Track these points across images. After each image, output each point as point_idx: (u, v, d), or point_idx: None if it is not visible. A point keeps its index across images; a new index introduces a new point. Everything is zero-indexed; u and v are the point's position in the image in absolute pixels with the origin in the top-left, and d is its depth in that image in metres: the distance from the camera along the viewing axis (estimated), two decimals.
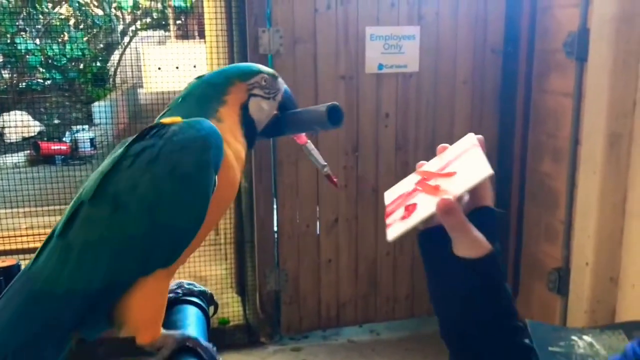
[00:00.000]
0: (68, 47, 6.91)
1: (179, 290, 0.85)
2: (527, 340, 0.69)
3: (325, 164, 1.02)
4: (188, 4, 5.91)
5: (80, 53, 7.04)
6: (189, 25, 5.97)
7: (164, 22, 7.63)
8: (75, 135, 6.97)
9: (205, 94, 0.83)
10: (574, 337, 1.19)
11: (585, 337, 1.70)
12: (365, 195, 3.11)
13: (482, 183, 0.69)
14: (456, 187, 0.69)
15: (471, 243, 0.67)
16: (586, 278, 2.72)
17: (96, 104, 7.18)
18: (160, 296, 0.76)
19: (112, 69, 7.81)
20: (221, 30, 2.98)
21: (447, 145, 0.80)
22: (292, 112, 0.90)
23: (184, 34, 6.31)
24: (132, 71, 5.10)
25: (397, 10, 2.93)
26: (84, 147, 6.86)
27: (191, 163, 0.74)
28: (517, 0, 3.03)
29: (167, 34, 7.10)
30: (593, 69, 2.61)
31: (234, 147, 0.81)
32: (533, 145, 3.11)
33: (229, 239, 3.39)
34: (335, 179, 1.07)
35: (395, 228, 0.72)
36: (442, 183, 0.72)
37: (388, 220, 0.75)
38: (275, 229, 3.10)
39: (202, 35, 4.54)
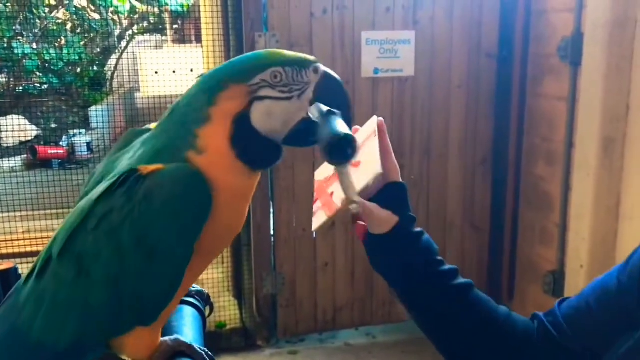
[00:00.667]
0: (65, 51, 6.91)
1: None
2: (461, 280, 0.81)
3: (355, 200, 0.75)
4: (185, 9, 5.92)
5: (77, 57, 7.04)
6: (186, 29, 5.99)
7: (161, 27, 7.65)
8: (72, 139, 6.97)
9: (190, 109, 0.67)
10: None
11: None
12: None
13: (377, 177, 0.74)
14: (357, 183, 0.74)
15: (379, 221, 0.80)
16: (581, 280, 2.73)
17: (93, 108, 7.19)
18: (152, 336, 0.72)
19: (109, 73, 7.82)
20: (218, 34, 3.00)
21: (358, 127, 0.85)
22: (317, 119, 0.68)
23: (181, 39, 6.32)
24: (129, 75, 5.11)
25: (392, 15, 2.95)
26: (81, 151, 6.86)
27: (162, 234, 0.64)
28: (511, 4, 3.06)
29: (164, 38, 7.12)
30: (587, 73, 2.63)
31: (229, 183, 0.67)
32: (528, 149, 3.13)
33: None
34: (361, 225, 0.83)
35: (317, 219, 0.77)
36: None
37: (314, 208, 0.77)
38: (272, 232, 3.11)
39: (199, 39, 4.56)
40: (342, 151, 0.66)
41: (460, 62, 3.08)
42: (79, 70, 7.58)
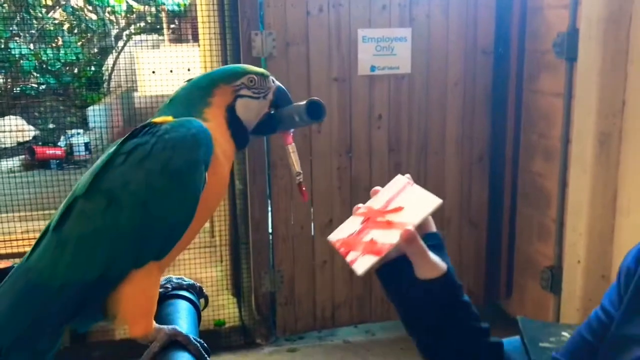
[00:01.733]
0: (62, 51, 6.91)
1: (168, 285, 0.87)
2: (493, 339, 0.81)
3: (300, 172, 0.96)
4: (182, 8, 5.92)
5: (74, 57, 7.04)
6: (182, 29, 5.99)
7: (158, 26, 7.65)
8: (70, 139, 6.96)
9: (191, 97, 0.86)
10: (564, 333, 1.22)
11: (563, 332, 1.73)
12: (359, 197, 3.12)
13: (438, 207, 0.81)
14: (412, 218, 0.80)
15: (431, 266, 0.79)
16: (578, 276, 2.74)
17: (91, 108, 7.18)
18: (151, 289, 0.78)
19: (107, 73, 7.81)
20: (214, 33, 3.00)
21: (379, 188, 0.92)
22: (280, 110, 0.91)
23: (178, 38, 6.32)
24: (126, 75, 5.11)
25: (388, 13, 2.95)
26: (79, 152, 6.85)
27: (182, 160, 0.77)
28: (507, 1, 3.06)
29: (161, 37, 7.11)
30: (582, 69, 2.64)
31: (222, 145, 0.83)
32: (525, 145, 3.14)
33: (224, 241, 3.41)
34: (305, 190, 1.00)
35: (363, 262, 0.80)
36: (393, 218, 0.82)
37: (349, 258, 0.82)
38: (270, 230, 3.11)
39: (196, 38, 4.56)
40: (318, 108, 0.88)
41: (457, 59, 3.09)
42: (76, 70, 7.58)
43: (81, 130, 7.24)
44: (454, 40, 3.06)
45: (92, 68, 7.89)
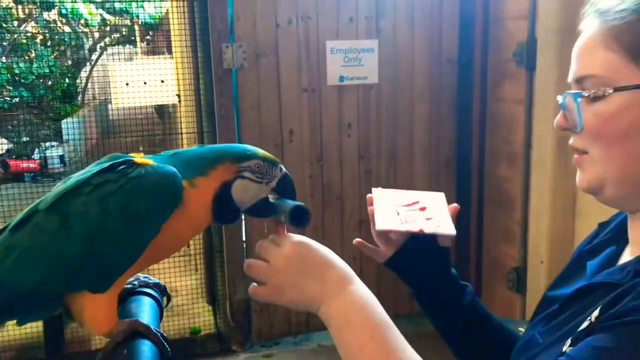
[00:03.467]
0: (35, 64, 6.89)
1: (135, 282, 0.94)
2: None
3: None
4: (155, 20, 5.97)
5: (47, 70, 7.03)
6: (156, 41, 6.03)
7: (132, 39, 7.67)
8: (45, 152, 6.94)
9: (193, 161, 0.87)
10: (520, 328, 1.29)
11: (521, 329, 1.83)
12: (331, 204, 3.20)
13: (450, 237, 0.96)
14: (428, 226, 0.94)
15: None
16: (542, 276, 2.85)
17: (65, 120, 7.17)
18: (107, 304, 0.83)
19: (81, 86, 7.80)
20: (186, 46, 3.07)
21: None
22: (278, 201, 0.91)
23: (152, 50, 6.36)
24: (100, 87, 5.14)
25: (355, 25, 3.05)
26: (54, 164, 6.83)
27: (141, 208, 0.80)
28: (470, 12, 3.18)
29: (134, 50, 7.13)
30: (541, 77, 2.76)
31: (195, 211, 0.84)
32: (490, 151, 3.25)
33: (199, 250, 3.46)
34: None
35: (387, 222, 0.94)
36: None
37: (377, 213, 0.96)
38: (244, 238, 3.17)
39: (169, 51, 4.61)
40: (301, 217, 0.87)
41: (423, 68, 3.19)
42: (50, 83, 7.55)
43: (55, 143, 7.21)
44: (419, 50, 3.17)
45: (66, 80, 7.87)
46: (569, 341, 0.69)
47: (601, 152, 0.70)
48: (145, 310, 0.85)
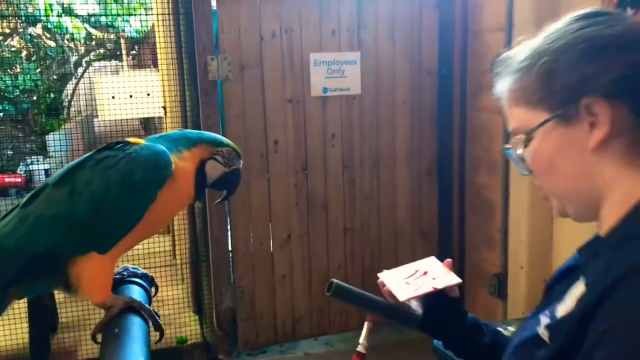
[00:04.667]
0: (20, 78, 6.90)
1: (124, 272, 1.00)
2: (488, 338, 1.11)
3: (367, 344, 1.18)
4: (141, 34, 6.02)
5: (33, 84, 7.03)
6: (142, 54, 6.08)
7: (118, 53, 7.69)
8: (30, 166, 6.92)
9: (178, 140, 1.05)
10: (499, 328, 1.38)
11: (509, 327, 1.93)
12: (316, 212, 3.26)
13: (457, 283, 1.13)
14: (439, 283, 1.12)
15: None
16: (522, 281, 2.91)
17: (51, 135, 7.16)
18: (105, 269, 0.92)
19: (67, 100, 7.80)
20: (172, 58, 3.12)
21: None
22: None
23: (138, 63, 6.40)
24: (86, 101, 5.16)
25: (338, 38, 3.13)
26: (39, 179, 6.81)
27: (138, 176, 0.93)
28: (449, 25, 3.27)
29: (120, 63, 7.16)
30: None
31: (182, 179, 1.01)
32: (470, 160, 3.33)
33: (185, 260, 3.48)
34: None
35: (407, 292, 1.10)
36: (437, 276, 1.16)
37: (395, 289, 1.12)
38: (230, 247, 3.20)
39: (155, 64, 4.66)
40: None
41: (404, 80, 3.27)
42: (35, 97, 7.55)
43: (41, 157, 7.19)
44: (400, 62, 3.25)
45: (52, 95, 7.87)
46: (546, 320, 0.77)
47: (546, 183, 0.82)
48: (136, 296, 0.90)
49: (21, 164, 7.06)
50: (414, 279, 1.13)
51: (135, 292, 0.92)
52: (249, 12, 2.98)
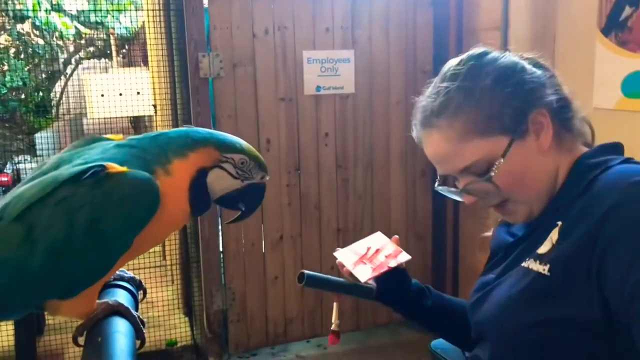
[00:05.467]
0: (8, 76, 6.80)
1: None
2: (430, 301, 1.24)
3: (339, 322, 1.28)
4: (131, 33, 5.95)
5: (21, 82, 6.93)
6: (132, 52, 6.01)
7: (107, 52, 7.60)
8: (17, 165, 6.82)
9: (173, 142, 0.84)
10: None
11: None
12: (309, 213, 3.21)
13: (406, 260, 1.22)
14: (391, 262, 1.22)
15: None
16: None
17: (39, 134, 7.07)
18: (85, 303, 0.80)
19: (56, 99, 7.70)
20: (163, 55, 3.06)
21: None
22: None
23: (128, 62, 6.33)
24: (75, 101, 5.08)
25: (331, 35, 3.08)
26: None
27: (111, 225, 0.75)
28: (444, 23, 3.23)
29: (110, 62, 7.08)
30: None
31: (170, 205, 0.80)
32: None
33: (175, 261, 3.43)
34: (336, 339, 1.31)
35: (366, 273, 1.19)
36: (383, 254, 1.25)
37: (355, 271, 1.21)
38: (221, 249, 3.15)
39: (145, 62, 4.60)
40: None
41: (398, 78, 3.23)
42: (23, 96, 7.45)
43: (29, 157, 7.10)
44: (394, 60, 3.21)
45: (40, 93, 7.77)
46: (529, 261, 0.88)
47: (518, 195, 0.91)
48: (122, 301, 0.85)
49: (9, 163, 6.96)
50: (371, 259, 1.23)
51: (121, 296, 0.86)
52: (241, 9, 2.93)
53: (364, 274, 1.20)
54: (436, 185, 1.04)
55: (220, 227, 3.13)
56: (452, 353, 1.56)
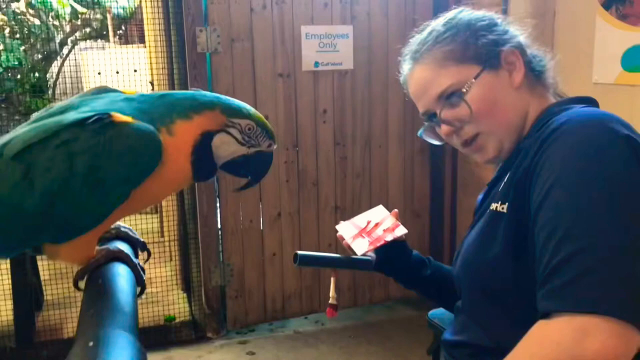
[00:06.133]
0: (4, 56, 6.75)
1: (113, 231, 0.91)
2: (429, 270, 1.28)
3: (336, 296, 1.30)
4: (128, 12, 5.90)
5: (17, 62, 6.88)
6: (129, 31, 5.97)
7: (104, 32, 7.54)
8: None
9: (179, 103, 0.82)
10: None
11: None
12: (306, 190, 3.21)
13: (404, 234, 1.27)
14: (390, 235, 1.26)
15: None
16: None
17: (35, 114, 7.02)
18: (84, 249, 0.80)
19: (52, 80, 7.65)
20: (160, 30, 3.04)
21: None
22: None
23: (125, 41, 6.29)
24: (72, 81, 5.05)
25: (330, 10, 3.06)
26: None
27: (110, 173, 0.75)
28: (443, 0, 3.21)
29: (107, 43, 7.03)
30: None
31: (171, 164, 0.79)
32: None
33: (173, 237, 3.43)
34: (334, 312, 1.30)
35: (363, 246, 1.23)
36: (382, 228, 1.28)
37: (353, 244, 1.25)
38: (219, 225, 3.15)
39: (142, 40, 4.56)
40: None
41: (397, 55, 3.20)
42: (19, 76, 7.40)
43: None
44: (393, 37, 3.19)
45: (36, 74, 7.71)
46: (492, 204, 0.93)
47: (488, 124, 0.97)
48: (122, 247, 0.84)
49: None
50: (370, 233, 1.27)
51: (122, 245, 0.85)
52: None
53: (361, 247, 1.24)
54: (419, 131, 1.13)
55: (218, 203, 3.13)
56: (449, 322, 1.57)
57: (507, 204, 0.89)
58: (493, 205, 0.93)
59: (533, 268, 0.82)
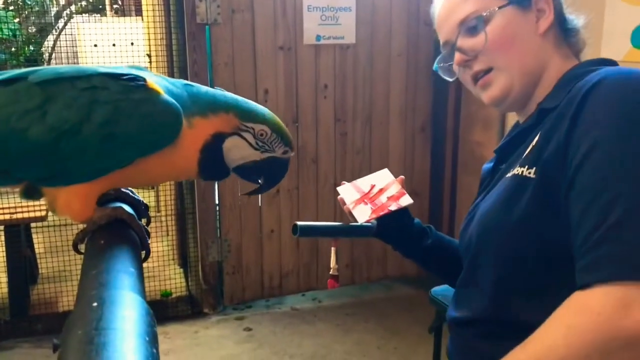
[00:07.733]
0: None
1: (112, 191, 0.87)
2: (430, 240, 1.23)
3: (337, 266, 1.30)
4: None
5: (11, 34, 6.77)
6: (125, 4, 5.86)
7: (100, 6, 7.42)
8: None
9: (201, 99, 0.82)
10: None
11: None
12: (306, 166, 3.17)
13: (409, 204, 1.20)
14: (394, 205, 1.20)
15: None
16: None
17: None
18: (84, 199, 0.78)
19: (47, 53, 7.53)
20: (158, 2, 2.97)
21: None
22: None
23: (122, 14, 6.18)
24: (67, 55, 4.97)
25: None
26: None
27: (123, 133, 0.73)
28: None
29: (103, 18, 6.92)
30: None
31: (182, 153, 0.79)
32: (465, 116, 3.25)
33: (170, 212, 3.39)
34: (335, 283, 1.32)
35: (365, 214, 1.17)
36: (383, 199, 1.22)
37: (354, 210, 1.19)
38: (217, 200, 3.12)
39: (139, 12, 4.48)
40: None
41: (400, 30, 3.16)
42: (14, 49, 7.28)
43: None
44: (397, 11, 3.13)
45: (31, 47, 7.60)
46: (513, 170, 0.87)
47: (503, 58, 0.93)
48: (125, 208, 0.80)
49: None
50: (373, 200, 1.21)
51: (125, 207, 0.82)
52: None
53: (363, 215, 1.18)
54: (435, 62, 1.07)
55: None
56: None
57: (535, 168, 0.83)
58: (518, 170, 0.87)
59: (560, 234, 0.77)
